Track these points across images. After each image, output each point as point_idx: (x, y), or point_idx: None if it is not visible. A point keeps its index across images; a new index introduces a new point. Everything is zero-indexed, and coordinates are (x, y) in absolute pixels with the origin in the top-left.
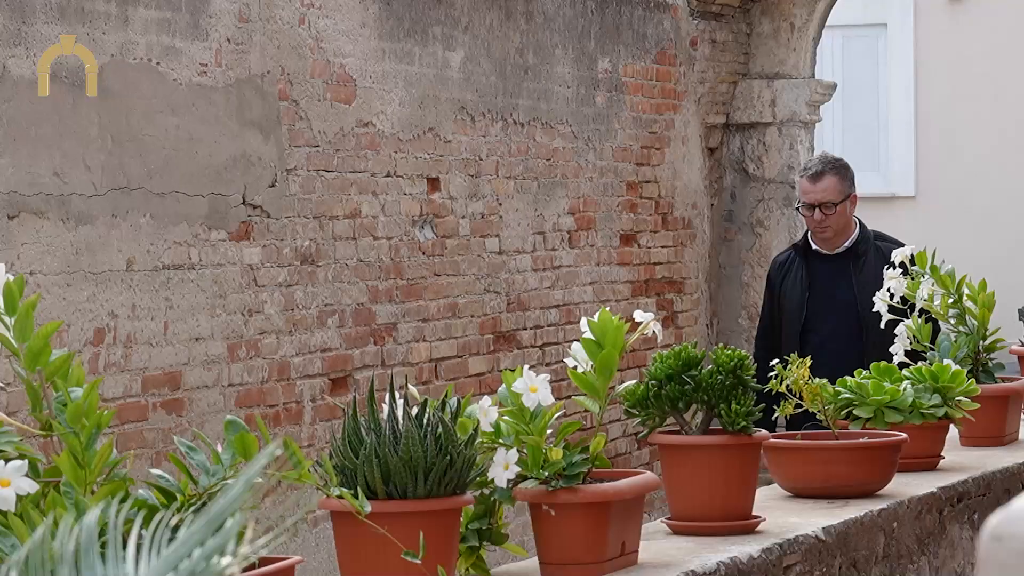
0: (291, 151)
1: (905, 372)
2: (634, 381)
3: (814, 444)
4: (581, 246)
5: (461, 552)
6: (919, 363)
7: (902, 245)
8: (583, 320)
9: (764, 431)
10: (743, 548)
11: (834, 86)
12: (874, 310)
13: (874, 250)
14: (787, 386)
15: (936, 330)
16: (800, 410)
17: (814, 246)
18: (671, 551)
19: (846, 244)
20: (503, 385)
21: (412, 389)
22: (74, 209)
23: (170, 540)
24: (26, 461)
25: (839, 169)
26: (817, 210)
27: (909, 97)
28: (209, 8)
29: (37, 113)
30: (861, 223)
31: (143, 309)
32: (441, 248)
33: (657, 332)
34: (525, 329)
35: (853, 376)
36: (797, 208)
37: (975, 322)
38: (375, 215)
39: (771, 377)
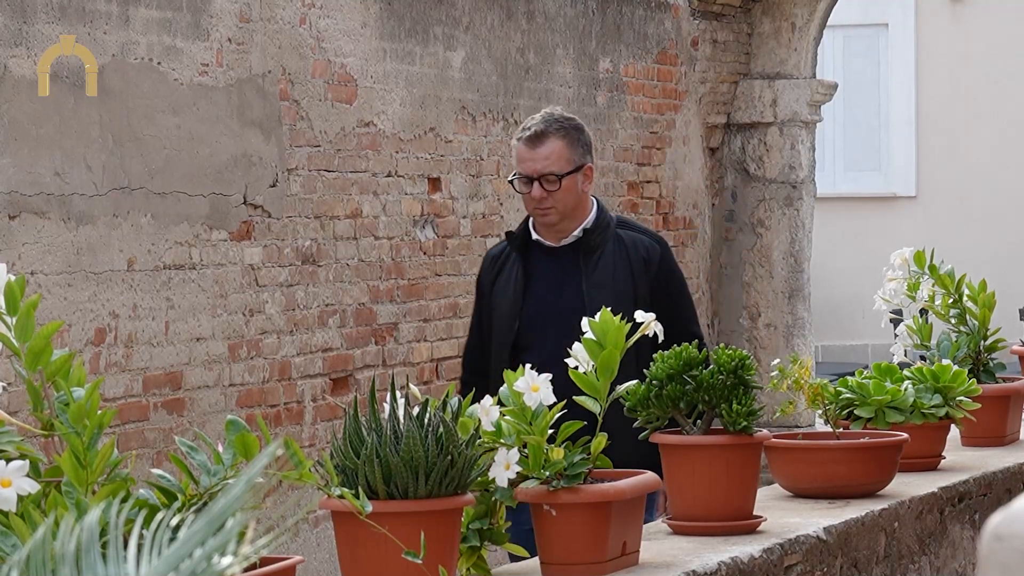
0: (292, 151)
1: (907, 372)
2: (635, 381)
3: (815, 444)
4: None
5: (462, 552)
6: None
7: (651, 235)
8: (584, 320)
9: (765, 431)
10: (744, 548)
11: (835, 86)
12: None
13: (614, 241)
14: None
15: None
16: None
17: (535, 235)
18: (672, 551)
19: (576, 233)
20: (504, 384)
21: (413, 389)
22: (75, 209)
23: (171, 540)
24: (27, 461)
25: (568, 130)
26: (536, 184)
27: (910, 97)
28: (210, 8)
29: (38, 113)
30: (600, 205)
31: (144, 309)
32: (442, 248)
33: (658, 332)
34: None
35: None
36: (511, 181)
37: (975, 322)
38: (376, 215)
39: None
